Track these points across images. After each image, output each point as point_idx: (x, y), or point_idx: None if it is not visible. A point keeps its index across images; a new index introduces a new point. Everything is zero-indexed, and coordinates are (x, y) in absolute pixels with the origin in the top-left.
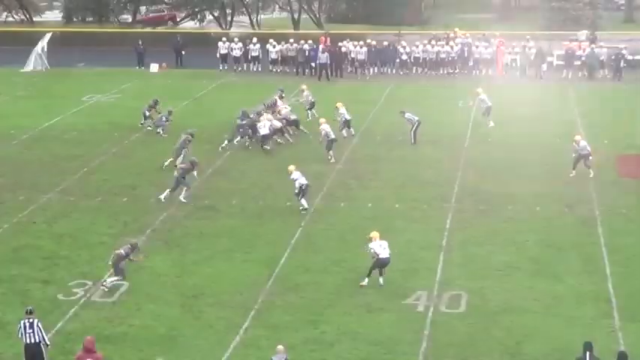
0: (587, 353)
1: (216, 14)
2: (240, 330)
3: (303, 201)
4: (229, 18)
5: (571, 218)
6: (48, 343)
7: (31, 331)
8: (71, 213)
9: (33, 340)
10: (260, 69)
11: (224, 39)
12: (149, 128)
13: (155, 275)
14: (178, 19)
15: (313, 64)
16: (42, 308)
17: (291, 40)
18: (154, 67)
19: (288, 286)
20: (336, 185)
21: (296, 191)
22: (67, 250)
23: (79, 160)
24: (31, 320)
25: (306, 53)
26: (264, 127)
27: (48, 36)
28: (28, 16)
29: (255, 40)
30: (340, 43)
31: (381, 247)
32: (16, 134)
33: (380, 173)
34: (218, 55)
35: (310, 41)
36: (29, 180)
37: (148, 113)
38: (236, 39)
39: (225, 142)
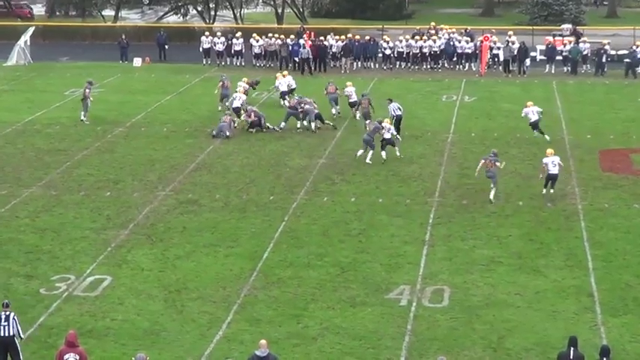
0: (572, 348)
1: (199, 9)
2: (223, 324)
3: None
4: (213, 12)
5: (554, 213)
6: (22, 336)
7: (6, 323)
8: (54, 207)
9: (7, 333)
10: (243, 63)
11: (207, 33)
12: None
13: (138, 270)
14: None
15: (297, 59)
16: (24, 302)
17: (270, 35)
18: (138, 62)
19: (271, 280)
20: (319, 179)
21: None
22: (50, 245)
23: (62, 155)
24: (7, 313)
25: (289, 48)
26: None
27: (31, 30)
28: (10, 9)
29: (238, 34)
30: (322, 37)
31: (552, 164)
32: None
33: (363, 168)
34: (201, 49)
35: (292, 36)
36: (12, 174)
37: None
38: (219, 33)
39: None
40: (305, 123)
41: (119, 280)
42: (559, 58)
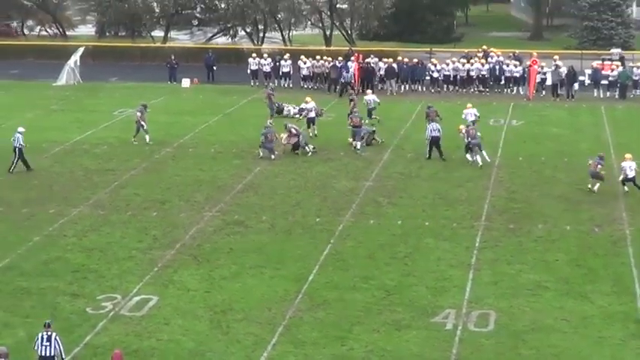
0: None
1: (248, 30)
2: (268, 346)
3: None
4: (261, 34)
5: (601, 238)
6: (64, 357)
7: (47, 343)
8: (101, 227)
9: (48, 354)
10: (291, 85)
11: (254, 55)
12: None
13: (184, 290)
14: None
15: (343, 81)
16: (70, 321)
17: (318, 57)
18: (186, 82)
19: (316, 302)
20: (366, 202)
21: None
22: (97, 264)
23: (110, 174)
24: (49, 333)
25: (338, 70)
26: None
27: (81, 50)
28: (61, 30)
29: (286, 56)
30: (368, 59)
31: (630, 169)
32: (48, 148)
33: (410, 191)
34: (249, 71)
35: (340, 58)
36: (60, 193)
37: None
38: (265, 55)
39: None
40: (358, 144)
41: (165, 300)
42: (605, 82)
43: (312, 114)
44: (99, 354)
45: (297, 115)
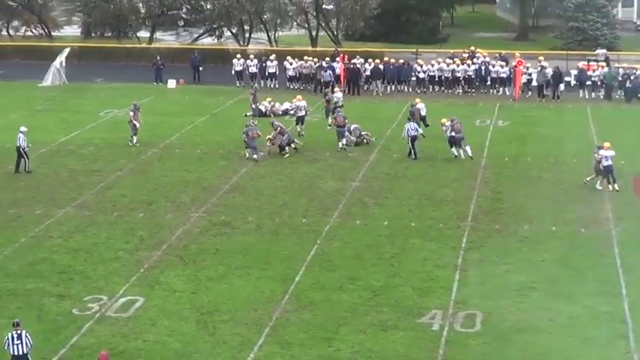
0: None
1: (234, 31)
2: (254, 347)
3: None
4: (247, 35)
5: (587, 238)
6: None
7: (19, 342)
8: (87, 228)
9: (21, 352)
10: (277, 86)
11: (238, 56)
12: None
13: (170, 291)
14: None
15: (322, 80)
16: (57, 323)
17: (305, 58)
18: (172, 83)
19: (303, 303)
20: (352, 203)
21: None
22: (83, 265)
23: (96, 175)
24: (19, 332)
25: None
26: None
27: (66, 51)
28: (46, 30)
29: (272, 56)
30: (354, 60)
31: (605, 159)
32: (34, 149)
33: (396, 191)
34: (233, 72)
35: (327, 58)
36: (46, 194)
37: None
38: (251, 56)
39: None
40: (344, 142)
41: (151, 302)
42: (588, 83)
43: (302, 112)
44: (85, 355)
45: (280, 112)
